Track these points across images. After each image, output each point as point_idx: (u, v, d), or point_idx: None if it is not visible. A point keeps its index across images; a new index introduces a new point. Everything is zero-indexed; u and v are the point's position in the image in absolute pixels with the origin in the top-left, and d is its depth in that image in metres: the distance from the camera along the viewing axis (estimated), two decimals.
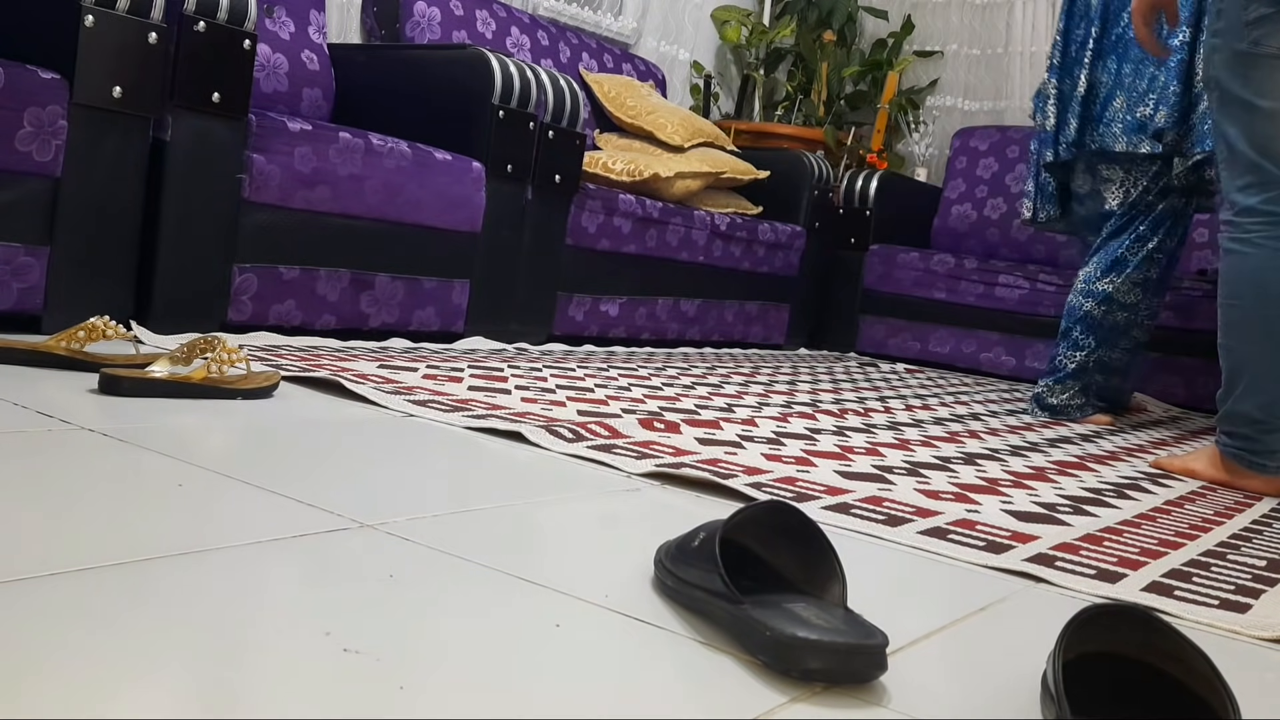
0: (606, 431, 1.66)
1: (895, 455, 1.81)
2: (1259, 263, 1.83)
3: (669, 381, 2.42)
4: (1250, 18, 1.81)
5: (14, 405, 1.33)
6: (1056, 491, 1.67)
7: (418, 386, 1.86)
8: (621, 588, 0.94)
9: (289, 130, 2.22)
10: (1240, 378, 1.88)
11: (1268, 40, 1.80)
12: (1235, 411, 1.89)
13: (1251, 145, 1.83)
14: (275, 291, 2.25)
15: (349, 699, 0.65)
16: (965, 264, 3.87)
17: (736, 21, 4.59)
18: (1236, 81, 1.84)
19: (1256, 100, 1.82)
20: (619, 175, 3.17)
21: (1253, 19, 1.81)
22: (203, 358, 1.62)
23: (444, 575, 0.91)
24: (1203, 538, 1.45)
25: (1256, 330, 1.84)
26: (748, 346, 3.80)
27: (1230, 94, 1.86)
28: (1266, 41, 1.80)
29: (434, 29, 3.17)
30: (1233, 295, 1.88)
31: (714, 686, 0.75)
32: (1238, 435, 1.91)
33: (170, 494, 1.04)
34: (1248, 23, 1.82)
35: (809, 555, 0.89)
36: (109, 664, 0.65)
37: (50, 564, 0.80)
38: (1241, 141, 1.85)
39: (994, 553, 1.22)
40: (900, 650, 0.87)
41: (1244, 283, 1.85)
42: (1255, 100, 1.82)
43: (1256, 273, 1.83)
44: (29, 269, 1.89)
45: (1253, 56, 1.82)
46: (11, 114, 1.81)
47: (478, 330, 2.71)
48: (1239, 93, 1.84)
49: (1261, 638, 1.03)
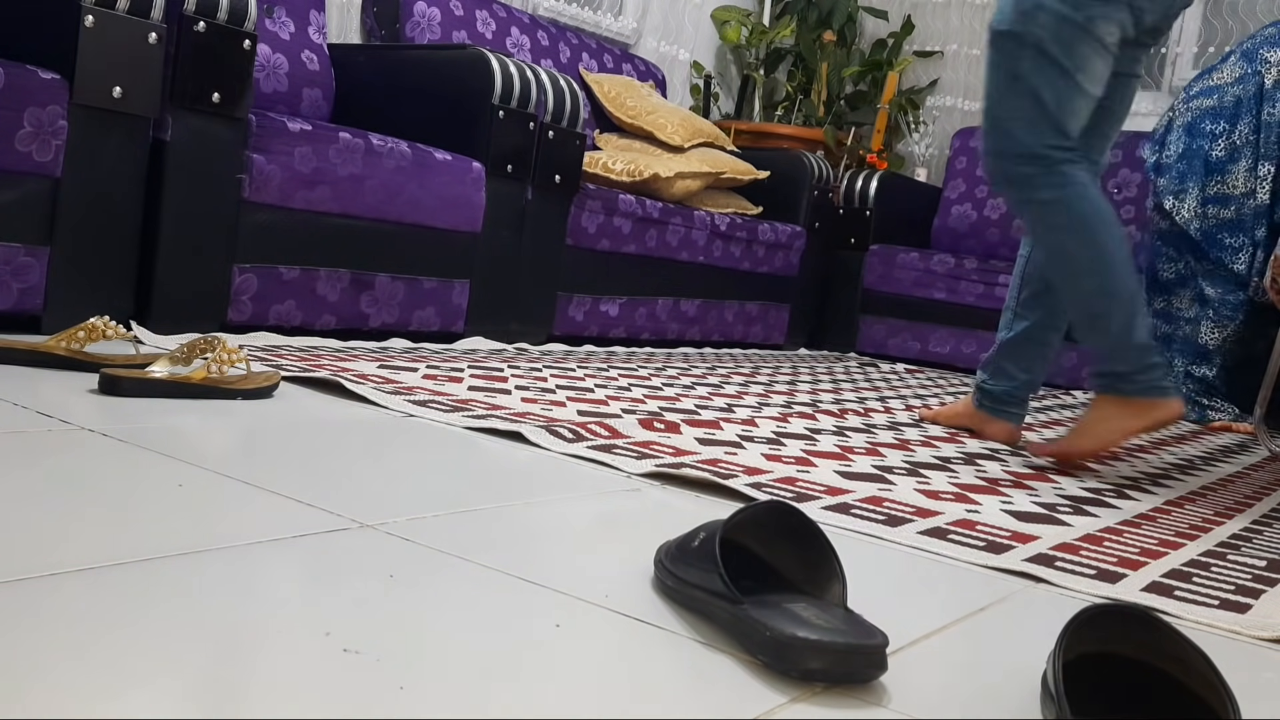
0: (607, 432, 1.66)
1: (895, 455, 1.81)
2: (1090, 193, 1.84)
3: (669, 382, 2.42)
4: None
5: (14, 405, 1.33)
6: (1056, 491, 1.66)
7: (418, 387, 1.86)
8: (621, 588, 0.94)
9: (289, 130, 2.22)
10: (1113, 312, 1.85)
11: (1099, 25, 1.84)
12: (1121, 346, 1.86)
13: (1059, 109, 1.85)
14: (275, 291, 2.25)
15: (349, 699, 0.65)
16: (965, 264, 3.87)
17: (736, 21, 4.59)
18: (1059, 47, 1.85)
19: (1076, 73, 1.85)
20: (619, 175, 3.17)
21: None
22: (203, 358, 1.62)
23: (444, 575, 0.91)
24: (1202, 538, 1.45)
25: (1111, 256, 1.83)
26: (748, 347, 3.80)
27: (1050, 56, 1.86)
28: (1098, 26, 1.84)
29: (434, 29, 3.17)
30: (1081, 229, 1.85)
31: (714, 686, 0.75)
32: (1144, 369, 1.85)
33: (170, 494, 1.04)
34: None
35: (809, 555, 0.89)
36: (109, 664, 0.65)
37: (50, 564, 0.80)
38: (1053, 103, 1.86)
39: (994, 553, 1.21)
40: (900, 650, 0.87)
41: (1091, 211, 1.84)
42: (1076, 74, 1.85)
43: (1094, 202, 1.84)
44: (29, 269, 1.89)
45: (1082, 32, 1.84)
46: (11, 114, 1.81)
47: (478, 330, 2.71)
48: (1061, 59, 1.85)
49: (1261, 638, 1.03)
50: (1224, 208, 3.00)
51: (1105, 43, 1.86)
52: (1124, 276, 1.84)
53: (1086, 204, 1.83)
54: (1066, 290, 1.91)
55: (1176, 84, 4.33)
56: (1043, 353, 2.15)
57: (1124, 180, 4.11)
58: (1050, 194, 1.85)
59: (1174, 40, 4.34)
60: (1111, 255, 1.83)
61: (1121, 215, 4.07)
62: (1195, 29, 4.31)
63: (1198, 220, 3.03)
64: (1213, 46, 4.30)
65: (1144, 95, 4.40)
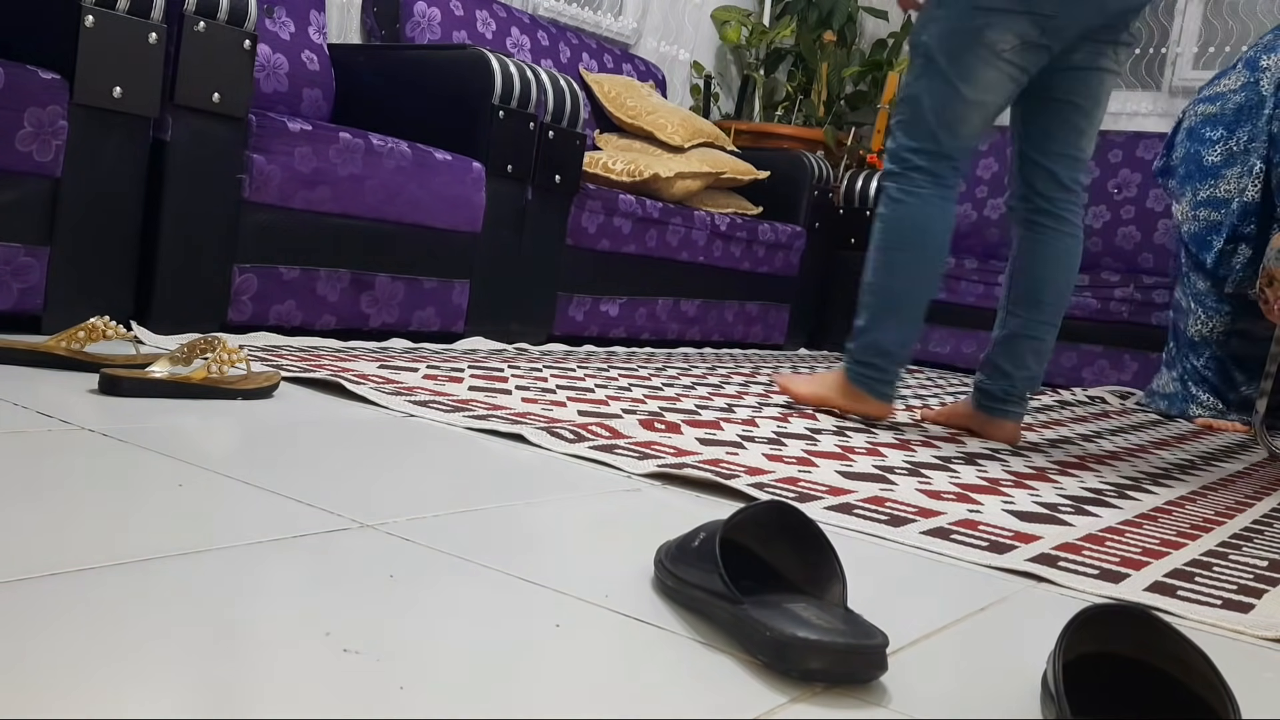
0: (607, 432, 1.66)
1: (896, 455, 1.81)
2: (925, 214, 2.03)
3: (669, 382, 2.42)
4: (982, 4, 1.94)
5: (14, 405, 1.33)
6: (1058, 491, 1.66)
7: (418, 387, 1.85)
8: (621, 588, 0.94)
9: (289, 130, 2.22)
10: (888, 312, 2.07)
11: (993, 33, 1.93)
12: (874, 342, 2.08)
13: (942, 121, 2.01)
14: (275, 291, 2.25)
15: (349, 699, 0.65)
16: (965, 264, 3.86)
17: (736, 21, 4.59)
18: (945, 56, 1.98)
19: (958, 82, 1.98)
20: (619, 175, 3.17)
21: (984, 6, 1.93)
22: (203, 358, 1.62)
23: (444, 575, 0.91)
24: (1204, 537, 1.45)
25: (914, 270, 2.05)
26: (748, 346, 3.80)
27: (936, 65, 2.00)
28: (992, 34, 1.94)
29: (434, 29, 3.17)
30: (900, 239, 2.05)
31: (714, 686, 0.75)
32: (869, 365, 2.10)
33: (170, 494, 1.03)
34: (977, 7, 1.94)
35: (809, 555, 0.89)
36: (109, 664, 0.65)
37: (50, 564, 0.80)
38: (930, 111, 2.01)
39: (997, 553, 1.21)
40: (900, 650, 0.87)
41: (912, 228, 2.04)
42: (957, 81, 1.98)
43: (923, 221, 2.03)
44: (29, 269, 1.89)
45: (971, 41, 1.95)
46: (11, 114, 1.81)
47: (478, 330, 2.71)
48: (945, 67, 1.98)
49: (1264, 637, 1.03)
50: (1215, 211, 3.04)
51: (998, 50, 1.94)
52: (901, 291, 2.05)
53: (914, 217, 2.03)
54: (867, 265, 2.10)
55: (1177, 84, 4.33)
56: (1036, 348, 2.16)
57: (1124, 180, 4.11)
58: (895, 194, 2.05)
59: (1174, 40, 4.34)
60: (903, 269, 2.05)
61: (1121, 215, 4.07)
62: (1195, 29, 4.31)
63: (1189, 222, 3.08)
64: (1212, 46, 4.30)
65: (1144, 95, 4.40)
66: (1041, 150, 2.11)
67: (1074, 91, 2.06)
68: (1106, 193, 4.10)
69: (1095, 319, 3.63)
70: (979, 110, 2.00)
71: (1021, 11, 1.92)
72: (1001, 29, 1.92)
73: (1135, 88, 4.45)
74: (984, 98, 1.99)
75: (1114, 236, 4.05)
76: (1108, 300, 3.62)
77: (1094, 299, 3.64)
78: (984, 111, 2.01)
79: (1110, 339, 3.61)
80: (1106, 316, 3.61)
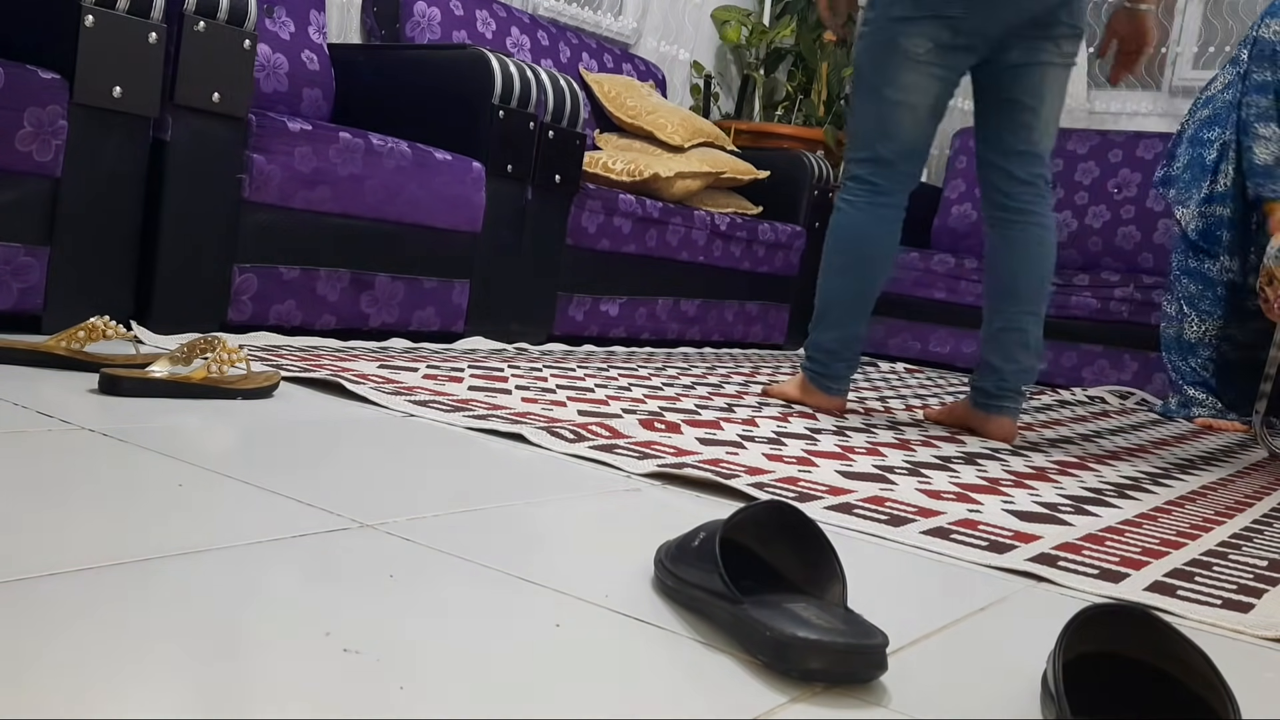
0: (607, 432, 1.66)
1: (896, 455, 1.81)
2: (858, 221, 2.16)
3: (669, 381, 2.42)
4: (894, 15, 2.07)
5: (14, 405, 1.33)
6: (1058, 491, 1.66)
7: (418, 387, 1.85)
8: (621, 588, 0.94)
9: (289, 130, 2.22)
10: (828, 314, 2.21)
11: (908, 40, 2.06)
12: (817, 341, 2.23)
13: (874, 127, 2.14)
14: (275, 291, 2.25)
15: (349, 699, 0.65)
16: (965, 264, 3.87)
17: (736, 21, 4.59)
18: (871, 67, 2.12)
19: (883, 88, 2.10)
20: (619, 175, 3.17)
21: (896, 16, 2.07)
22: (203, 358, 1.62)
23: (444, 575, 0.91)
24: (1204, 537, 1.45)
25: (849, 275, 2.18)
26: (748, 346, 3.80)
27: (865, 78, 2.14)
28: (907, 41, 2.06)
29: (434, 29, 3.17)
30: (837, 245, 2.19)
31: (714, 686, 0.75)
32: (815, 361, 2.24)
33: (170, 494, 1.03)
34: (891, 19, 2.08)
35: (809, 555, 0.89)
36: (109, 664, 0.65)
37: (50, 564, 0.80)
38: (865, 120, 2.15)
39: (997, 552, 1.21)
40: (900, 650, 0.87)
41: (846, 237, 2.17)
42: (883, 88, 2.10)
43: (856, 229, 2.16)
44: (29, 269, 1.89)
45: (888, 50, 2.08)
46: (11, 114, 1.81)
47: (478, 330, 2.71)
48: (871, 78, 2.13)
49: (1264, 637, 1.03)
50: (1220, 205, 3.07)
51: (914, 54, 2.06)
52: (838, 294, 2.19)
53: (849, 226, 2.17)
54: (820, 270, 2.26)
55: (1177, 84, 4.33)
56: (1021, 339, 2.18)
57: (1124, 180, 4.11)
58: (837, 203, 2.21)
59: (1174, 40, 4.34)
60: (838, 273, 2.19)
61: (1121, 215, 4.07)
62: (1195, 29, 4.31)
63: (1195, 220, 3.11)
64: (1212, 46, 4.30)
65: (1144, 95, 4.41)
66: (996, 150, 2.17)
67: (1017, 89, 2.12)
68: (1106, 193, 4.10)
69: (1095, 319, 3.63)
70: (907, 112, 2.10)
71: (929, 16, 2.04)
72: (914, 35, 2.05)
73: (1135, 88, 4.45)
74: (908, 99, 2.09)
75: (1114, 236, 4.05)
76: (1108, 300, 3.62)
77: (1094, 299, 3.64)
78: (913, 113, 2.11)
79: (1110, 339, 3.61)
80: (1106, 316, 3.61)
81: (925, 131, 2.14)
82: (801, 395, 2.27)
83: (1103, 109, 4.49)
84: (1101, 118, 4.48)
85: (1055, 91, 2.14)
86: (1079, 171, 4.19)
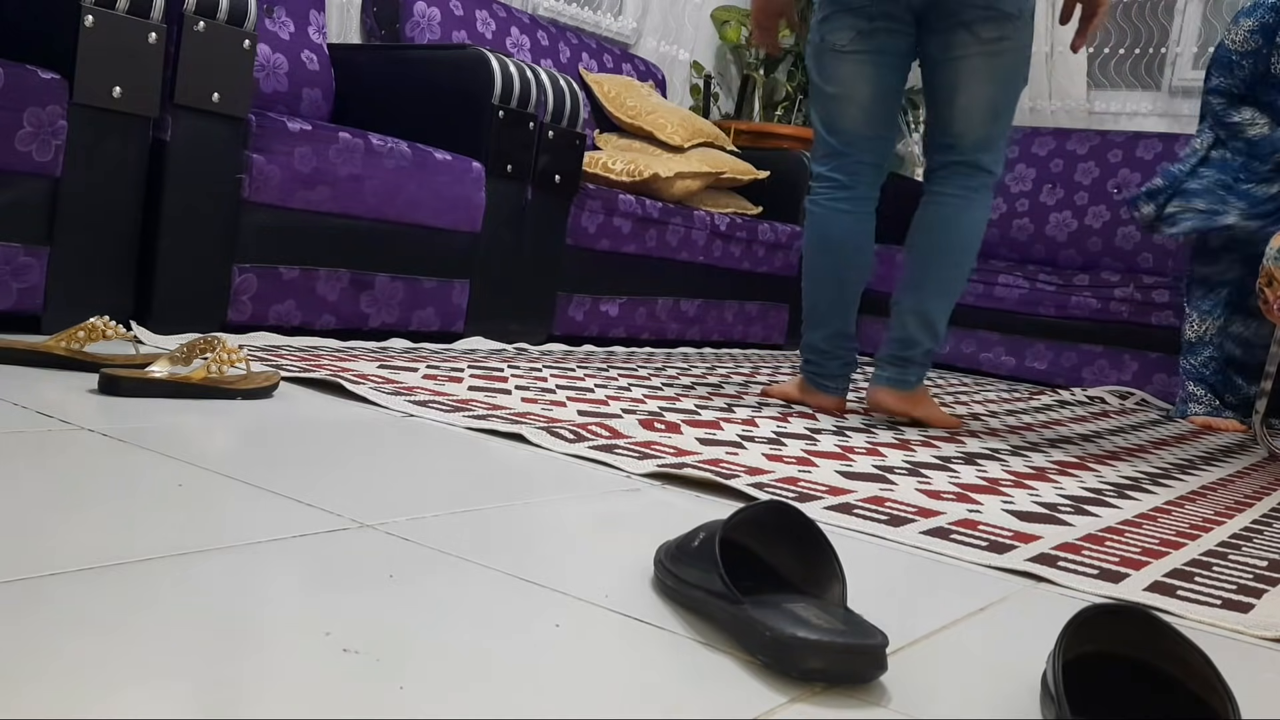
0: (607, 432, 1.66)
1: (896, 455, 1.81)
2: (825, 219, 2.22)
3: (669, 381, 2.42)
4: (819, 17, 2.19)
5: (14, 405, 1.33)
6: (1057, 491, 1.66)
7: (418, 387, 1.85)
8: (621, 588, 0.94)
9: (289, 130, 2.22)
10: (813, 313, 2.27)
11: (831, 35, 2.17)
12: (809, 341, 2.28)
13: (823, 124, 2.23)
14: (275, 291, 2.25)
15: (349, 699, 0.65)
16: None
17: (736, 21, 4.59)
18: (813, 71, 2.23)
19: (825, 86, 2.21)
20: (619, 175, 3.17)
21: (821, 18, 2.19)
22: (203, 358, 1.62)
23: (444, 575, 0.91)
24: (1204, 537, 1.45)
25: (824, 273, 2.23)
26: (748, 346, 3.80)
27: (813, 81, 2.24)
28: (831, 36, 2.17)
29: (434, 29, 3.17)
30: (809, 245, 2.26)
31: (714, 686, 0.75)
32: (810, 361, 2.28)
33: (170, 494, 1.03)
34: (819, 20, 2.20)
35: (809, 555, 0.89)
36: (109, 664, 0.65)
37: (50, 564, 0.80)
38: (818, 121, 2.24)
39: (996, 552, 1.21)
40: (900, 650, 0.87)
41: (817, 235, 2.24)
42: (825, 86, 2.21)
43: (824, 226, 2.22)
44: (29, 269, 1.89)
45: (822, 51, 2.20)
46: (11, 114, 1.81)
47: (477, 330, 2.71)
48: (815, 79, 2.23)
49: (1264, 637, 1.03)
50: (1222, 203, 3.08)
51: (839, 47, 2.16)
52: (815, 293, 2.25)
53: (815, 226, 2.24)
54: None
55: (1176, 84, 4.33)
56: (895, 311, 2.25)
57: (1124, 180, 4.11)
58: (808, 206, 2.28)
59: (1174, 40, 4.34)
60: (811, 273, 2.25)
61: (1121, 215, 4.07)
62: (1195, 29, 4.32)
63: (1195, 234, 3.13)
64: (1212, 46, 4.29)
65: (1144, 95, 4.41)
66: (930, 144, 2.25)
67: (935, 82, 2.19)
68: (1106, 193, 4.11)
69: (1095, 319, 3.63)
70: (849, 103, 2.18)
71: (843, 10, 2.14)
72: (836, 29, 2.16)
73: (1135, 88, 4.45)
74: (844, 90, 2.18)
75: (1114, 236, 4.05)
76: (1108, 300, 3.62)
77: (1094, 299, 3.64)
78: (855, 103, 2.18)
79: (1110, 339, 3.61)
80: (1106, 316, 3.61)
81: (875, 119, 2.19)
82: (801, 395, 2.31)
83: (1102, 109, 4.49)
84: (1101, 118, 4.48)
85: (978, 80, 2.11)
86: (1079, 171, 4.19)
